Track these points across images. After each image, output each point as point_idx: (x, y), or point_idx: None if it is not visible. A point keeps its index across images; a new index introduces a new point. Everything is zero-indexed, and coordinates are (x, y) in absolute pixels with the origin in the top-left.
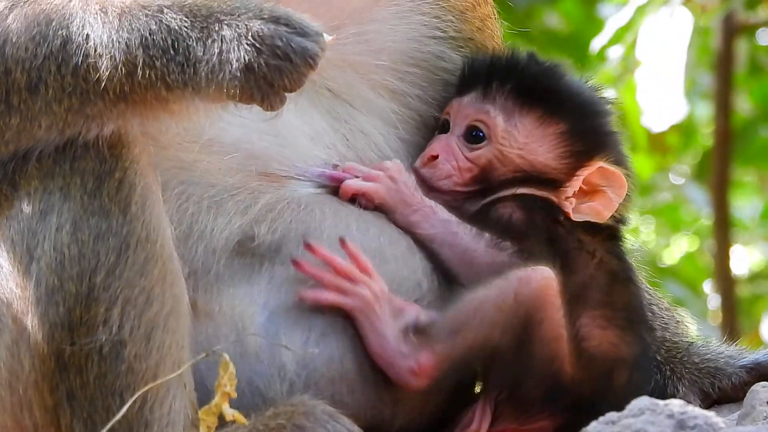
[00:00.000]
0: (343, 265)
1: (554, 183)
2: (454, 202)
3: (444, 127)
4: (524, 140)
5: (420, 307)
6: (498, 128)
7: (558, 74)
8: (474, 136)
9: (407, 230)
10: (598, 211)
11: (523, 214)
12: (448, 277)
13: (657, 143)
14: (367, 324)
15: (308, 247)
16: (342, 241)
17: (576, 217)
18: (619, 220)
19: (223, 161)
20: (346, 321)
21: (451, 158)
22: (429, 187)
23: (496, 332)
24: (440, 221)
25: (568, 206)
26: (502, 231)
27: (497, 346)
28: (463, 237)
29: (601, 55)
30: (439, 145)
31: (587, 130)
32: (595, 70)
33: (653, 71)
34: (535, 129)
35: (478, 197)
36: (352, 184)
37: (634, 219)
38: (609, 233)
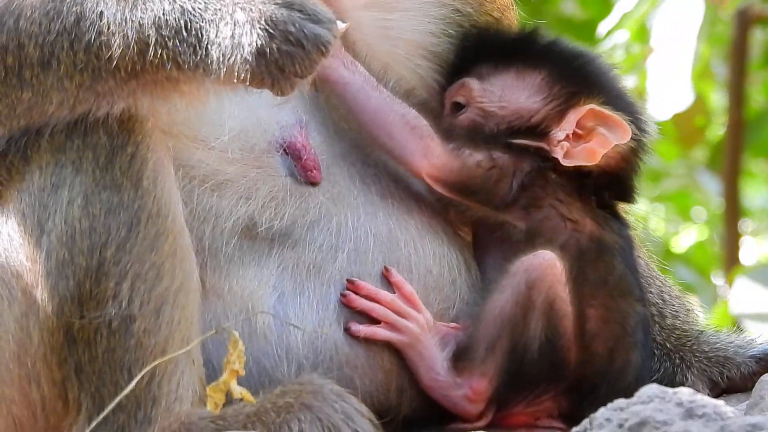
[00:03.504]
0: (390, 300)
1: (544, 130)
2: None
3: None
4: (501, 92)
5: (455, 329)
6: (474, 90)
7: (531, 35)
8: (457, 107)
9: (322, 79)
10: (591, 151)
11: (510, 154)
12: (460, 262)
13: (686, 129)
14: (418, 359)
15: (351, 285)
16: (386, 271)
17: (566, 162)
18: (617, 189)
19: (221, 150)
20: (351, 312)
21: None
22: None
23: (523, 328)
24: (361, 72)
25: (559, 151)
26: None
27: (528, 339)
28: (385, 93)
29: (608, 39)
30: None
31: (571, 71)
32: (609, 56)
33: (664, 59)
34: (513, 81)
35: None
36: None
37: (642, 203)
38: (601, 201)
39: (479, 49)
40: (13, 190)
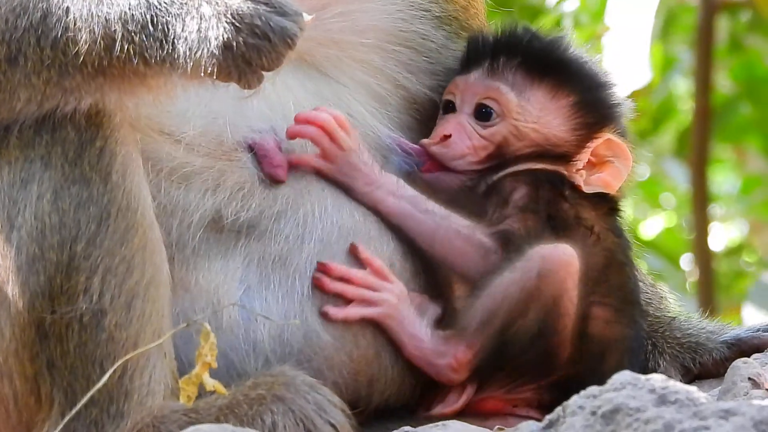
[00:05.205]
0: (361, 276)
1: (565, 156)
2: (468, 181)
3: (448, 107)
4: (538, 114)
5: (430, 299)
6: (511, 104)
7: (563, 46)
8: (485, 113)
9: (371, 207)
10: (607, 182)
11: (529, 189)
12: (418, 254)
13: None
14: (399, 329)
15: (322, 267)
16: (353, 248)
17: (587, 189)
18: (618, 195)
19: (188, 143)
20: (323, 297)
21: (465, 137)
22: (441, 167)
23: (521, 312)
24: (408, 197)
25: (579, 179)
26: (503, 206)
27: (522, 325)
28: (434, 213)
29: (556, 11)
30: (449, 124)
31: (596, 101)
32: (563, 30)
33: (620, 37)
34: (547, 102)
35: (491, 174)
36: (307, 160)
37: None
38: (609, 208)
39: (511, 49)
40: None
